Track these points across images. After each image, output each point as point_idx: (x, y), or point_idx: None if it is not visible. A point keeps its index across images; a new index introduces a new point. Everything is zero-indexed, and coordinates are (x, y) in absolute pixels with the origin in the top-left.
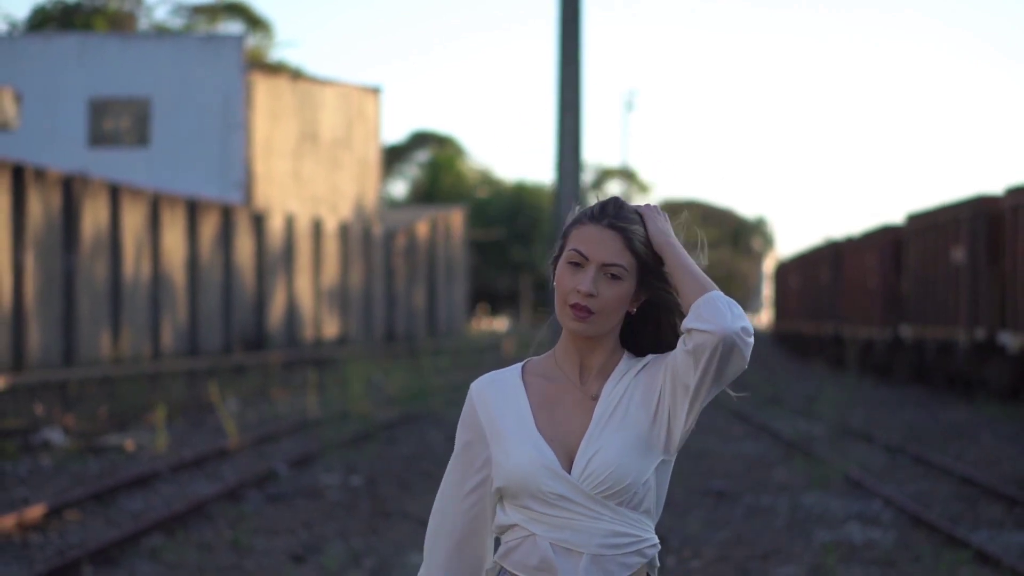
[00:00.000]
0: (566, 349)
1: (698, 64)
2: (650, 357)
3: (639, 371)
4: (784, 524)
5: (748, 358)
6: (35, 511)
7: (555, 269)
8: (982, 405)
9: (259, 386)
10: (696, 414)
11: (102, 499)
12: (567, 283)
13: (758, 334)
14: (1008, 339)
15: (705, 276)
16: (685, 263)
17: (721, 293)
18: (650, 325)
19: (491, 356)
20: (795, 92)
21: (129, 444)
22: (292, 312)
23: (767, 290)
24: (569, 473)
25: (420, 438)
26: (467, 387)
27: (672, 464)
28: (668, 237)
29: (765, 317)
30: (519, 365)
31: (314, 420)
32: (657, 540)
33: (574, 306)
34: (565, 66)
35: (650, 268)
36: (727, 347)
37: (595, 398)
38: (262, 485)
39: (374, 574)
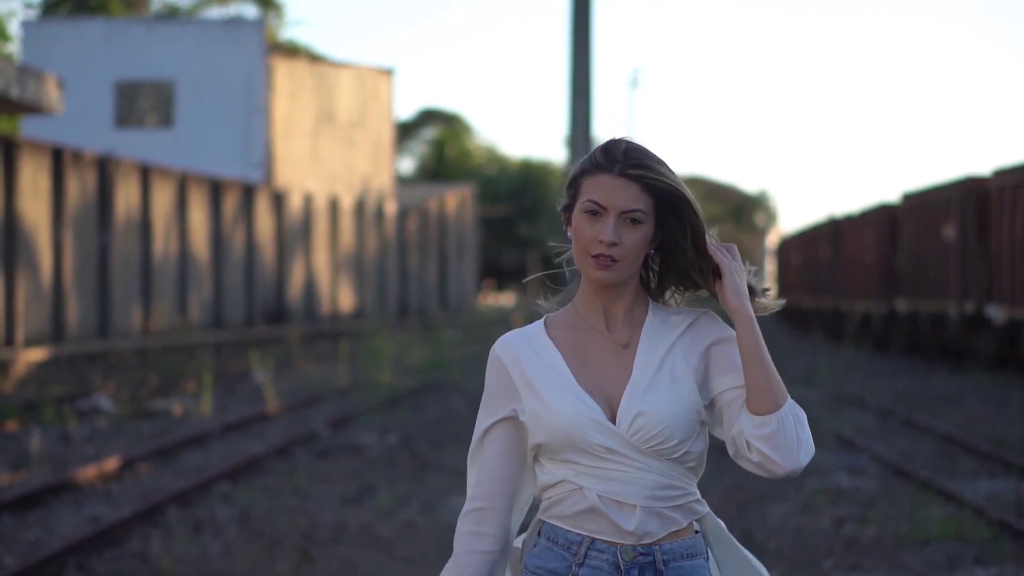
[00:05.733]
0: (588, 299)
1: (702, 42)
2: (690, 319)
3: (681, 333)
4: None
5: None
6: (111, 463)
7: (568, 219)
8: (971, 374)
9: (282, 357)
10: None
11: (166, 455)
12: (587, 233)
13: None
14: (995, 312)
15: (778, 378)
16: (762, 354)
17: (790, 408)
18: (664, 265)
19: (502, 330)
20: (797, 69)
21: (177, 408)
22: (310, 287)
23: (770, 266)
24: (614, 424)
25: (444, 404)
26: (483, 358)
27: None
28: (747, 308)
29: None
30: (540, 322)
31: (343, 388)
32: (700, 496)
33: (597, 256)
34: (577, 53)
35: (667, 205)
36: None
37: (627, 346)
38: (307, 443)
39: (423, 511)
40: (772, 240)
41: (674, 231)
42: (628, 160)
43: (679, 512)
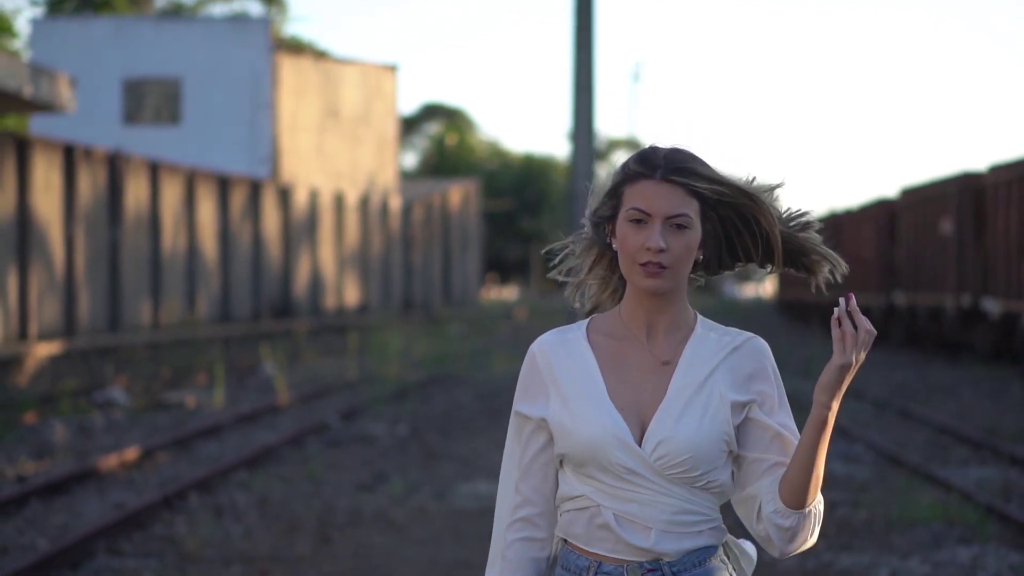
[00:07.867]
0: (633, 308)
1: (703, 37)
2: (738, 341)
3: (726, 356)
4: None
5: None
6: (131, 453)
7: (612, 230)
8: (967, 366)
9: (289, 351)
10: None
11: (183, 444)
12: (633, 242)
13: (763, 304)
14: (991, 305)
15: (820, 479)
16: (817, 458)
17: (816, 503)
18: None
19: (506, 324)
20: (797, 65)
21: (190, 400)
22: (316, 281)
23: None
24: (640, 444)
25: (451, 396)
26: (487, 352)
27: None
28: (829, 411)
29: (770, 286)
30: (584, 323)
31: (352, 380)
32: (722, 522)
33: (645, 264)
34: (579, 48)
35: (712, 202)
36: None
37: (667, 363)
38: (319, 433)
39: (434, 497)
40: None
41: (732, 230)
42: (670, 164)
43: (697, 539)
